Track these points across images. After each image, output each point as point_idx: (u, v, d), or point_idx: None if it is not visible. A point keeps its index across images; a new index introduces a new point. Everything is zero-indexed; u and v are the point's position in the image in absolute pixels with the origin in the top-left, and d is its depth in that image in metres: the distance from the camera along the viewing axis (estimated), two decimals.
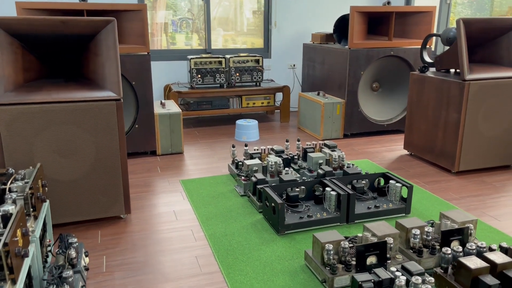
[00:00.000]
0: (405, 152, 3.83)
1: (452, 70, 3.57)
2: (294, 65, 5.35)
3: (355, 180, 2.72)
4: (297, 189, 2.63)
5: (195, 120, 5.02)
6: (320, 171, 2.86)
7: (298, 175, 3.00)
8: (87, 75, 2.51)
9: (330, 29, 5.38)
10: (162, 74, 4.90)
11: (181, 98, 4.67)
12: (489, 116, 3.21)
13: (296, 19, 5.23)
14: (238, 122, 4.21)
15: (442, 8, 4.63)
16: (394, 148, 3.95)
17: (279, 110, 5.01)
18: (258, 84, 4.84)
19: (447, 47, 3.75)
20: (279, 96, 5.32)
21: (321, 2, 5.27)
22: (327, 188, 2.52)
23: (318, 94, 4.41)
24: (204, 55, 4.62)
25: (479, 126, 3.19)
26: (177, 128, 3.72)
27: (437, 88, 3.33)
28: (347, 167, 3.09)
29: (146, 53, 3.49)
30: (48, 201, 2.08)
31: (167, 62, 4.90)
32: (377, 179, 2.77)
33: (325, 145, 3.43)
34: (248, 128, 4.16)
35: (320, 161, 3.04)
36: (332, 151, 3.33)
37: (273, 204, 2.40)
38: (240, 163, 3.17)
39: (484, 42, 3.38)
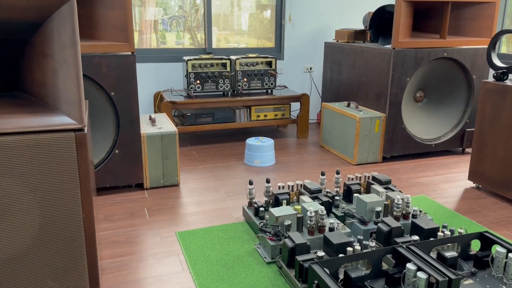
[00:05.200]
0: (470, 183, 2.94)
1: None
2: (311, 68, 4.45)
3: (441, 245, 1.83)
4: (358, 262, 1.73)
5: (191, 135, 4.09)
6: (383, 227, 1.96)
7: (349, 230, 2.09)
8: (30, 88, 1.57)
9: (356, 25, 4.48)
10: (150, 79, 3.96)
11: (176, 109, 3.74)
12: None
13: (314, 14, 4.32)
14: (249, 141, 3.29)
15: None
16: (452, 177, 3.06)
17: (295, 124, 4.11)
18: (270, 91, 3.93)
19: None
20: (294, 105, 4.42)
21: None
22: (409, 266, 1.62)
23: (349, 105, 3.51)
24: (204, 56, 3.69)
25: None
26: (171, 152, 2.79)
27: None
28: (414, 215, 2.19)
29: (130, 53, 2.56)
30: None
31: (157, 64, 3.96)
32: (470, 242, 1.88)
33: (374, 179, 2.53)
34: (262, 150, 3.25)
35: (378, 209, 2.14)
36: (385, 188, 2.44)
37: None
38: (261, 208, 2.25)
39: None
